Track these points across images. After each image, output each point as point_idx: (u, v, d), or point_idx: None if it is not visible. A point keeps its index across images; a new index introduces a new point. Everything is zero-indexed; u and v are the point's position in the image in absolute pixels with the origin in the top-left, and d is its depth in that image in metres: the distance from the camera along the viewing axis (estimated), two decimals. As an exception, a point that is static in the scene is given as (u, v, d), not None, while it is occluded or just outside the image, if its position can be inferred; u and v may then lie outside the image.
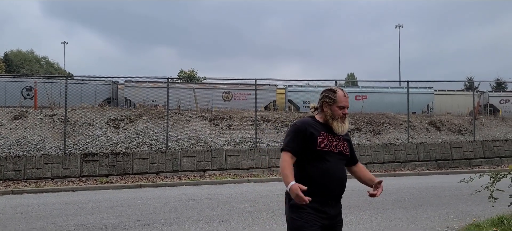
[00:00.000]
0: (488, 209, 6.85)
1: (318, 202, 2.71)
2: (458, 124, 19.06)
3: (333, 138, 2.88)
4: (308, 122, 2.92)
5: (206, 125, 17.21)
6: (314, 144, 2.78)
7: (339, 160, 2.87)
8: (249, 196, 9.98)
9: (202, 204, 9.00)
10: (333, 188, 2.79)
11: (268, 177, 13.96)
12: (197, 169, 14.38)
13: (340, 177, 2.84)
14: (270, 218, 7.34)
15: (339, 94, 2.93)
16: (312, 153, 2.78)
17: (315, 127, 2.87)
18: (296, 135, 2.83)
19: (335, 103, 2.90)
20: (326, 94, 2.96)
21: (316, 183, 2.73)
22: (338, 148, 2.87)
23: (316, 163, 2.78)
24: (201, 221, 7.26)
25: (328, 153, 2.80)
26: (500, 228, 5.82)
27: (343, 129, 2.90)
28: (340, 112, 2.90)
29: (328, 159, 2.79)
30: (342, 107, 2.91)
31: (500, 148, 16.81)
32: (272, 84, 23.30)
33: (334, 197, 2.82)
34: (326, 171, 2.77)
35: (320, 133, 2.84)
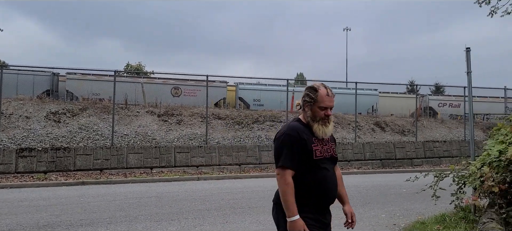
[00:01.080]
0: (431, 207, 7.13)
1: (318, 212, 2.58)
2: (402, 125, 19.89)
3: (323, 142, 2.63)
4: (298, 128, 2.60)
5: (154, 120, 16.68)
6: (310, 153, 2.54)
7: (330, 164, 2.68)
8: (199, 194, 9.74)
9: (150, 202, 8.65)
10: (331, 196, 2.63)
11: (219, 174, 13.76)
12: (144, 166, 13.88)
13: (335, 183, 2.68)
14: (221, 217, 7.17)
15: (321, 93, 2.60)
16: (309, 164, 2.54)
17: (307, 133, 2.59)
18: (293, 146, 2.53)
19: (316, 103, 2.60)
20: (307, 92, 2.66)
21: (316, 194, 2.55)
22: (329, 152, 2.65)
23: (313, 172, 2.55)
24: (149, 220, 6.94)
25: (322, 160, 2.59)
26: (443, 225, 6.04)
27: (325, 133, 2.60)
28: (321, 113, 2.60)
29: (323, 166, 2.59)
30: (324, 108, 2.59)
31: (439, 148, 17.76)
32: (223, 82, 23.09)
33: (329, 204, 2.67)
34: (324, 179, 2.57)
35: (313, 139, 2.58)
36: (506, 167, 5.09)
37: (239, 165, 14.87)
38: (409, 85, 31.49)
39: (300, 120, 2.69)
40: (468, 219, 6.02)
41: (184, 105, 19.35)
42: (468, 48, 6.54)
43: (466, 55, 6.54)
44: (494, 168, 5.25)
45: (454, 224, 5.95)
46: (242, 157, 15.01)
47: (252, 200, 8.81)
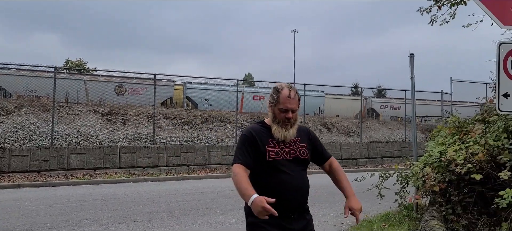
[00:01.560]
0: (376, 205, 7.41)
1: (279, 217, 2.32)
2: (347, 126, 20.57)
3: (285, 143, 2.51)
4: (255, 129, 2.56)
5: (98, 119, 15.99)
6: (263, 154, 2.45)
7: (296, 166, 2.51)
8: (146, 196, 9.46)
9: (95, 205, 8.27)
10: (292, 200, 2.45)
11: (166, 175, 13.47)
12: (87, 167, 13.27)
13: (299, 186, 2.49)
14: (171, 219, 7.01)
15: (283, 94, 2.51)
16: (263, 165, 2.46)
17: (263, 134, 2.52)
18: (245, 144, 2.49)
19: (277, 104, 2.51)
20: (271, 93, 2.59)
21: (273, 197, 2.32)
22: (292, 154, 2.51)
23: (269, 175, 2.45)
24: (94, 223, 6.63)
25: (280, 162, 2.46)
26: (388, 223, 6.30)
27: (285, 135, 2.49)
28: (281, 115, 2.50)
29: (281, 168, 2.45)
30: (285, 110, 2.49)
31: (382, 149, 18.58)
32: (170, 80, 22.61)
33: (295, 209, 2.48)
34: (282, 182, 2.43)
35: (269, 140, 2.50)
36: (445, 167, 5.40)
37: (188, 166, 14.64)
38: (353, 88, 32.81)
39: (263, 121, 2.65)
40: (411, 217, 6.33)
41: (130, 104, 18.73)
42: (411, 54, 6.86)
43: (410, 61, 6.86)
44: (435, 168, 5.56)
45: (398, 222, 6.23)
46: (190, 158, 14.79)
47: (202, 202, 8.70)
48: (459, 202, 5.16)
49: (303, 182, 2.54)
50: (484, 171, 4.93)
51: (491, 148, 5.03)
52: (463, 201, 5.17)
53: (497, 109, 2.82)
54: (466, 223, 4.94)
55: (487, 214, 4.99)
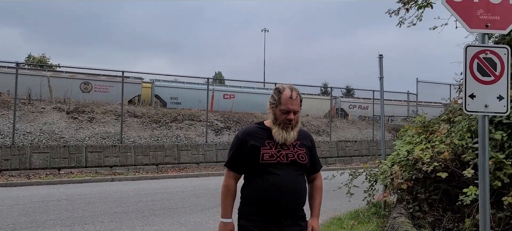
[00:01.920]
0: (346, 203, 7.54)
1: (269, 221, 2.35)
2: (317, 125, 20.82)
3: (283, 145, 2.43)
4: (250, 131, 2.50)
5: (62, 117, 15.49)
6: (256, 156, 2.39)
7: (293, 170, 2.43)
8: (114, 195, 9.24)
9: (60, 205, 8.01)
10: (285, 204, 2.35)
11: (134, 175, 13.21)
12: (50, 167, 12.83)
13: (293, 191, 2.38)
14: (140, 219, 6.88)
15: (284, 95, 2.44)
16: (256, 167, 2.40)
17: (259, 136, 2.45)
18: (237, 148, 2.48)
19: (279, 105, 2.44)
20: (272, 94, 2.53)
21: (264, 200, 2.36)
22: (289, 157, 2.42)
23: (262, 176, 2.39)
24: (59, 224, 6.42)
25: (275, 165, 2.38)
26: (357, 220, 6.42)
27: (286, 138, 2.42)
28: (283, 117, 2.44)
29: (275, 171, 2.37)
30: (286, 111, 2.42)
31: (351, 148, 18.93)
32: (137, 78, 22.18)
33: (288, 213, 2.39)
34: (274, 185, 2.34)
35: (265, 142, 2.42)
36: (413, 165, 5.55)
37: (157, 165, 14.41)
38: (323, 88, 33.28)
39: (262, 123, 2.58)
40: (379, 214, 6.47)
41: (96, 101, 18.24)
42: (380, 55, 7.01)
43: (379, 61, 7.01)
44: (403, 167, 5.70)
45: (367, 219, 6.36)
46: (159, 157, 14.57)
47: (172, 201, 8.58)
48: (425, 199, 5.31)
49: (298, 186, 2.44)
50: (449, 169, 5.10)
51: (456, 147, 5.21)
52: (429, 198, 5.33)
53: (463, 110, 2.91)
54: (432, 219, 5.09)
55: (451, 210, 5.16)
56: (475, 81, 2.93)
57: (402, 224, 4.55)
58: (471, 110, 2.94)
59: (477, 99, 2.92)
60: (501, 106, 2.93)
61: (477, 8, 3.02)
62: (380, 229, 5.72)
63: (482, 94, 2.92)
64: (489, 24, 2.99)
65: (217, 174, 14.11)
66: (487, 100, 2.92)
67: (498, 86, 2.94)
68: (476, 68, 2.94)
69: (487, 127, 2.93)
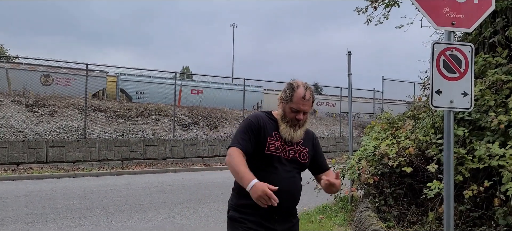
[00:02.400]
0: (314, 198, 7.61)
1: (261, 216, 2.27)
2: (283, 121, 20.94)
3: (288, 142, 2.36)
4: (262, 117, 2.40)
5: (21, 111, 14.84)
6: (263, 145, 2.29)
7: (292, 168, 2.36)
8: (77, 191, 8.95)
9: (19, 202, 7.68)
10: (280, 202, 2.17)
11: (99, 170, 12.84)
12: (8, 162, 12.29)
13: (290, 190, 2.32)
14: (104, 215, 6.69)
15: (297, 94, 2.32)
16: (259, 156, 2.30)
17: (268, 125, 2.36)
18: (248, 130, 2.32)
19: (289, 103, 2.33)
20: (285, 88, 2.40)
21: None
22: (291, 154, 2.36)
23: (260, 168, 2.28)
24: (19, 222, 6.15)
25: (277, 158, 2.31)
26: (325, 215, 6.51)
27: (292, 136, 2.34)
28: (292, 115, 2.34)
29: (276, 166, 2.30)
30: (296, 110, 2.32)
31: (316, 144, 19.17)
32: (102, 71, 21.55)
33: (281, 211, 2.30)
34: (272, 180, 2.21)
35: (273, 133, 2.34)
36: (379, 161, 5.68)
37: (122, 161, 14.08)
38: (290, 84, 33.34)
39: (271, 113, 2.48)
40: (346, 208, 6.59)
41: (58, 95, 17.59)
42: (349, 52, 7.12)
43: (348, 58, 7.11)
44: (370, 162, 5.82)
45: (335, 213, 6.46)
46: (125, 152, 14.24)
47: (138, 197, 8.39)
48: (391, 193, 5.45)
49: (295, 185, 2.38)
50: (414, 164, 5.25)
51: (420, 143, 5.37)
52: (394, 192, 5.47)
53: (430, 105, 2.99)
54: (397, 213, 5.23)
55: (415, 204, 5.32)
56: (442, 78, 3.01)
57: (368, 218, 4.64)
58: (437, 105, 3.02)
59: (443, 95, 3.00)
60: (465, 102, 3.02)
61: (443, 6, 3.10)
62: (347, 223, 5.82)
63: (447, 90, 3.00)
64: (455, 22, 3.07)
65: (184, 169, 13.95)
66: (452, 96, 3.00)
67: (463, 83, 3.03)
68: (443, 65, 3.02)
69: (452, 122, 3.02)
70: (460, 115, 4.96)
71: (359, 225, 4.69)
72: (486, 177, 4.57)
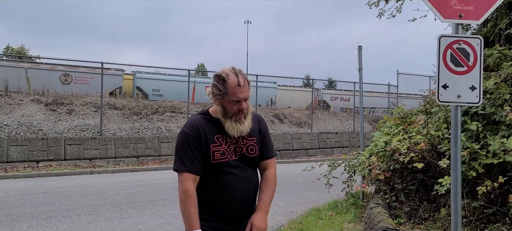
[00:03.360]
0: (325, 194, 7.59)
1: (222, 221, 2.19)
2: (298, 117, 20.88)
3: (232, 140, 2.19)
4: (199, 123, 2.18)
5: (41, 109, 15.16)
6: (207, 155, 2.13)
7: (244, 166, 2.21)
8: (93, 188, 9.11)
9: (37, 199, 7.85)
10: (238, 205, 2.18)
11: (114, 167, 13.03)
12: (28, 160, 12.56)
13: (244, 192, 2.21)
14: (118, 212, 6.79)
15: (231, 83, 2.10)
16: (207, 167, 2.15)
17: (208, 129, 2.16)
18: (188, 147, 2.12)
19: (226, 96, 2.12)
20: (215, 82, 2.16)
21: (216, 202, 2.16)
22: (237, 151, 2.20)
23: (213, 177, 2.16)
24: (36, 218, 6.29)
25: (226, 163, 2.15)
26: (335, 211, 6.47)
27: (241, 130, 2.16)
28: (234, 108, 2.13)
29: (228, 170, 2.15)
30: (237, 101, 2.12)
31: (332, 139, 19.05)
32: (119, 70, 21.87)
33: (242, 214, 2.22)
34: (228, 185, 2.14)
35: (214, 137, 2.15)
36: (390, 156, 5.61)
37: (137, 157, 14.26)
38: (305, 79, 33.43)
39: (208, 112, 2.27)
40: (357, 204, 6.53)
41: (76, 93, 17.91)
42: (360, 46, 7.03)
43: (358, 53, 7.03)
44: (381, 158, 5.75)
45: (345, 209, 6.41)
46: (140, 149, 14.41)
47: (151, 194, 8.49)
48: (402, 189, 5.38)
49: (248, 185, 2.24)
50: (426, 159, 5.16)
51: (432, 138, 5.28)
52: (406, 188, 5.39)
53: (437, 100, 2.93)
54: (408, 209, 5.15)
55: (427, 200, 5.23)
56: (448, 72, 2.95)
57: (378, 214, 4.59)
58: (444, 100, 2.96)
59: (450, 90, 2.94)
60: (473, 96, 2.95)
61: (451, -1, 3.03)
62: (358, 220, 5.77)
63: (455, 85, 2.94)
64: (462, 14, 2.99)
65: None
66: (459, 90, 2.93)
67: (471, 77, 2.95)
68: (449, 59, 2.96)
69: (459, 117, 2.95)
70: (473, 109, 4.86)
71: (369, 222, 4.64)
72: (500, 173, 4.47)
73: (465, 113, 5.11)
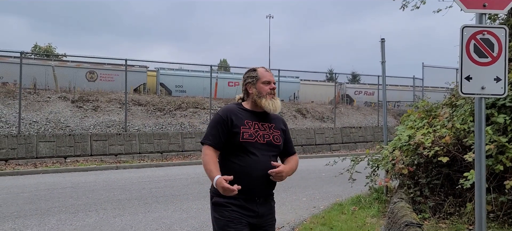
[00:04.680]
0: (348, 189, 7.53)
1: (243, 199, 2.43)
2: (321, 111, 20.75)
3: (261, 126, 2.55)
4: (231, 109, 2.58)
5: (68, 106, 15.58)
6: (236, 134, 2.46)
7: (268, 151, 2.52)
8: (118, 183, 9.31)
9: (64, 193, 8.08)
10: (258, 184, 2.46)
11: (139, 163, 13.28)
12: (57, 155, 12.94)
13: (266, 169, 2.45)
14: (142, 206, 6.92)
15: (261, 71, 2.64)
16: (235, 145, 2.47)
17: (239, 115, 2.54)
18: (217, 125, 2.50)
19: (259, 80, 2.59)
20: (248, 75, 2.67)
21: (239, 179, 2.38)
22: (266, 137, 2.53)
23: (239, 156, 2.47)
24: (64, 212, 6.48)
25: (253, 144, 2.47)
26: (358, 206, 6.40)
27: (275, 106, 2.57)
28: (266, 88, 2.58)
29: (253, 151, 2.46)
30: (268, 82, 2.60)
31: (355, 134, 18.84)
32: (142, 66, 22.20)
33: (261, 194, 2.50)
34: (250, 165, 2.44)
35: (245, 121, 2.52)
36: (414, 150, 5.51)
37: (161, 153, 14.48)
38: (328, 74, 33.11)
39: (241, 104, 2.66)
40: (380, 199, 6.45)
41: (101, 90, 18.31)
42: (382, 39, 6.92)
43: (381, 45, 6.92)
44: (404, 152, 5.66)
45: (368, 204, 6.34)
46: (164, 145, 14.63)
47: (175, 188, 8.62)
48: (426, 184, 5.27)
49: (271, 168, 2.48)
50: (451, 153, 5.04)
51: (458, 131, 5.15)
52: (430, 183, 5.29)
53: (459, 92, 2.86)
54: (433, 204, 5.06)
55: (453, 195, 5.12)
56: (472, 63, 2.87)
57: (401, 209, 4.52)
58: (467, 92, 2.89)
59: (473, 81, 2.86)
60: (498, 88, 2.87)
61: (475, -12, 2.95)
62: (381, 214, 5.71)
63: (478, 76, 2.86)
64: (486, 3, 2.91)
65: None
66: (483, 82, 2.86)
67: (495, 68, 2.87)
68: (473, 50, 2.88)
69: (483, 109, 2.88)
70: (501, 101, 4.72)
71: (392, 217, 4.57)
72: (529, 167, 4.34)
73: (492, 106, 4.97)
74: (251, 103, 2.61)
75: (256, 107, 2.59)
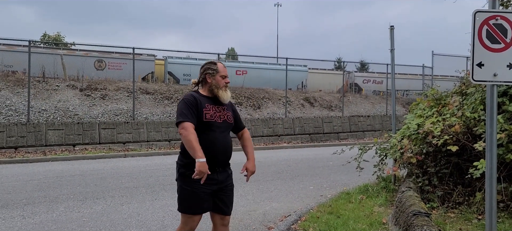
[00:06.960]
0: (355, 178, 7.48)
1: (210, 169, 2.87)
2: (329, 100, 20.63)
3: (217, 109, 3.09)
4: (194, 95, 3.05)
5: (76, 95, 15.65)
6: (201, 115, 2.96)
7: (225, 129, 3.10)
8: (126, 171, 9.36)
9: (73, 180, 8.14)
10: (218, 156, 3.01)
11: (147, 151, 13.34)
12: (65, 143, 13.04)
13: (225, 145, 3.06)
14: (150, 194, 6.95)
15: (220, 65, 3.18)
16: (200, 124, 2.95)
17: (201, 99, 3.04)
18: (191, 106, 2.96)
19: (218, 73, 3.12)
20: (208, 66, 3.16)
21: (205, 152, 2.84)
22: (222, 117, 3.08)
23: (203, 133, 2.94)
24: (72, 199, 6.52)
25: (213, 123, 3.00)
26: (366, 195, 6.35)
27: (227, 97, 3.13)
28: (223, 81, 3.13)
29: (213, 129, 2.99)
30: (224, 76, 3.15)
31: (363, 123, 18.73)
32: (150, 55, 22.18)
33: (220, 164, 3.05)
34: (212, 141, 2.97)
35: (205, 105, 3.03)
36: (423, 139, 5.44)
37: (169, 141, 14.53)
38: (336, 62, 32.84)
39: (198, 91, 3.16)
40: (388, 188, 6.39)
41: (109, 78, 18.36)
42: (392, 26, 6.81)
43: (390, 33, 6.81)
44: (413, 140, 5.59)
45: (376, 193, 6.29)
46: (172, 133, 14.67)
47: (182, 176, 8.62)
48: (435, 173, 5.21)
49: (228, 142, 3.11)
50: (461, 142, 4.97)
51: (467, 120, 5.07)
52: (439, 172, 5.22)
53: (471, 79, 2.79)
54: (442, 193, 5.00)
55: (462, 184, 5.06)
56: (484, 49, 2.80)
57: (409, 198, 4.48)
58: (478, 79, 2.82)
59: (485, 68, 2.79)
60: (511, 75, 2.79)
61: (488, -28, 2.86)
62: (388, 203, 5.66)
63: (491, 63, 2.79)
64: (500, -12, 2.82)
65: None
66: (496, 69, 2.78)
67: (508, 54, 2.79)
68: (485, 35, 2.80)
69: (495, 97, 2.81)
70: (512, 90, 4.63)
71: (400, 206, 4.53)
72: (540, 156, 4.26)
73: (503, 94, 4.88)
74: (208, 90, 3.12)
75: (211, 94, 3.11)
